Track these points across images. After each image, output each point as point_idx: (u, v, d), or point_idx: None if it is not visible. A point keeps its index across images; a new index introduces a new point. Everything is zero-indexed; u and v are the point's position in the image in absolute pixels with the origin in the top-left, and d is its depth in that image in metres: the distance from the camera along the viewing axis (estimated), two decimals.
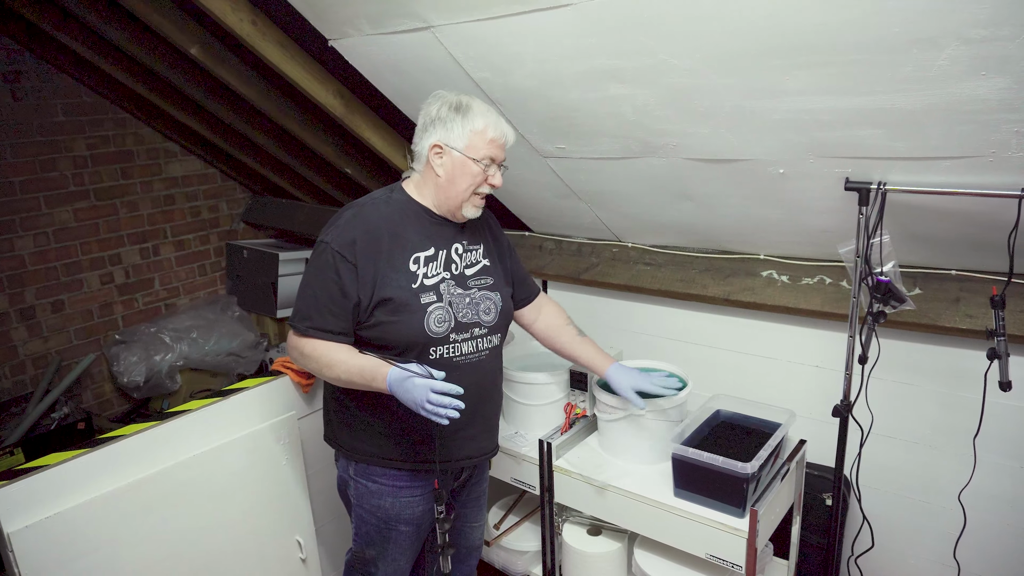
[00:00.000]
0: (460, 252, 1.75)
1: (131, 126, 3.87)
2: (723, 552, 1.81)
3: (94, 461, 1.79)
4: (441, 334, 1.66)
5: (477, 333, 1.73)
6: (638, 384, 1.95)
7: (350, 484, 1.80)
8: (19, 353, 3.60)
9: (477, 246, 1.80)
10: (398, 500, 1.76)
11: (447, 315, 1.67)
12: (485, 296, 1.75)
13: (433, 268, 1.68)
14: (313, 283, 1.63)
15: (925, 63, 1.40)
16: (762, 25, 1.48)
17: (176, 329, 3.95)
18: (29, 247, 3.56)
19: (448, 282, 1.69)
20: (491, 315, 1.76)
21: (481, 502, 2.02)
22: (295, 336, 1.66)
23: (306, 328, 1.62)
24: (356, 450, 1.76)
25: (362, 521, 1.81)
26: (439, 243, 1.71)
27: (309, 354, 1.63)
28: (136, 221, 3.99)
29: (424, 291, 1.65)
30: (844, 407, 1.91)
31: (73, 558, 1.72)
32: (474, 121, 1.64)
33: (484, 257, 1.80)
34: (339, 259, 1.59)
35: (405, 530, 1.80)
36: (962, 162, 1.64)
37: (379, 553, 1.81)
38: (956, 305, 2.01)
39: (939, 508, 2.20)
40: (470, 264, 1.76)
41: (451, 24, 1.87)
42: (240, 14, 2.24)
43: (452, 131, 1.64)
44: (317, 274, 1.62)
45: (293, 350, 1.68)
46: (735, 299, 2.40)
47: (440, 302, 1.66)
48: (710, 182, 2.12)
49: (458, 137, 1.63)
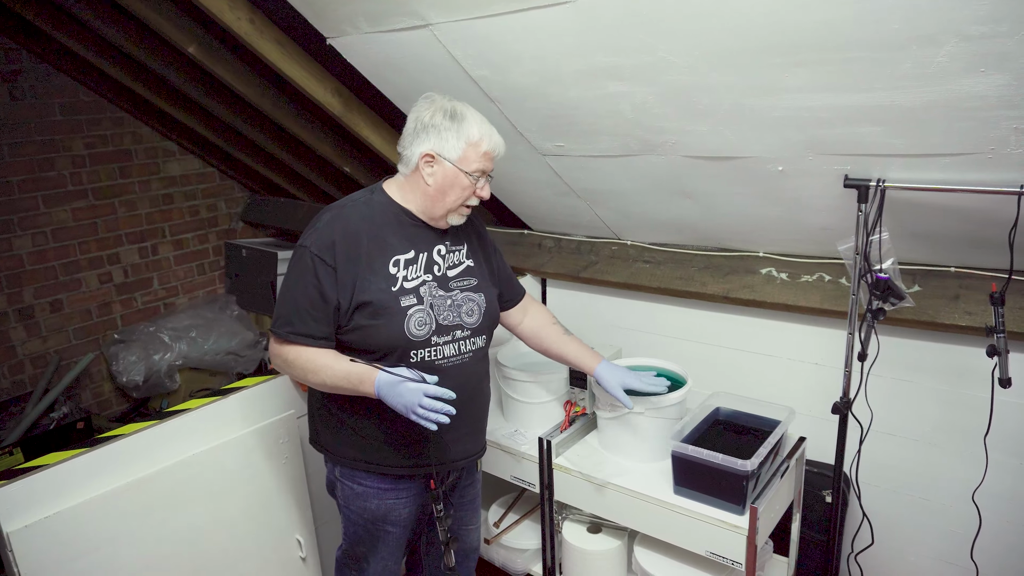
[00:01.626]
0: (443, 253, 1.72)
1: (129, 125, 3.87)
2: (723, 549, 1.82)
3: (93, 461, 1.79)
4: (421, 337, 1.64)
5: (459, 335, 1.70)
6: (627, 382, 1.93)
7: (337, 485, 1.79)
8: (18, 353, 3.60)
9: (460, 246, 1.77)
10: (383, 503, 1.75)
11: (428, 318, 1.65)
12: (468, 298, 1.73)
13: (413, 271, 1.66)
14: (293, 288, 1.60)
15: (924, 60, 1.40)
16: (761, 22, 1.47)
17: (175, 328, 3.95)
18: (27, 247, 3.56)
19: (429, 284, 1.67)
20: (474, 317, 1.73)
21: (475, 503, 2.01)
22: (277, 342, 1.64)
23: (287, 333, 1.60)
24: (340, 454, 1.75)
25: (350, 521, 1.80)
26: (420, 246, 1.68)
27: (293, 361, 1.61)
28: (134, 220, 3.99)
29: (404, 294, 1.63)
30: (844, 404, 1.91)
31: (73, 558, 1.72)
32: (470, 131, 1.60)
33: (468, 257, 1.78)
34: (318, 262, 1.57)
35: (392, 531, 1.80)
36: (961, 159, 1.64)
37: (368, 551, 1.81)
38: (955, 302, 2.01)
39: (939, 505, 2.20)
40: (453, 265, 1.74)
41: (449, 22, 1.87)
42: (238, 12, 2.24)
43: (446, 141, 1.60)
44: (297, 278, 1.60)
45: (276, 357, 1.66)
46: (734, 297, 2.40)
47: (420, 305, 1.64)
48: (709, 180, 2.12)
49: (452, 148, 1.60)
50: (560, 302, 3.04)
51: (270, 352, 1.67)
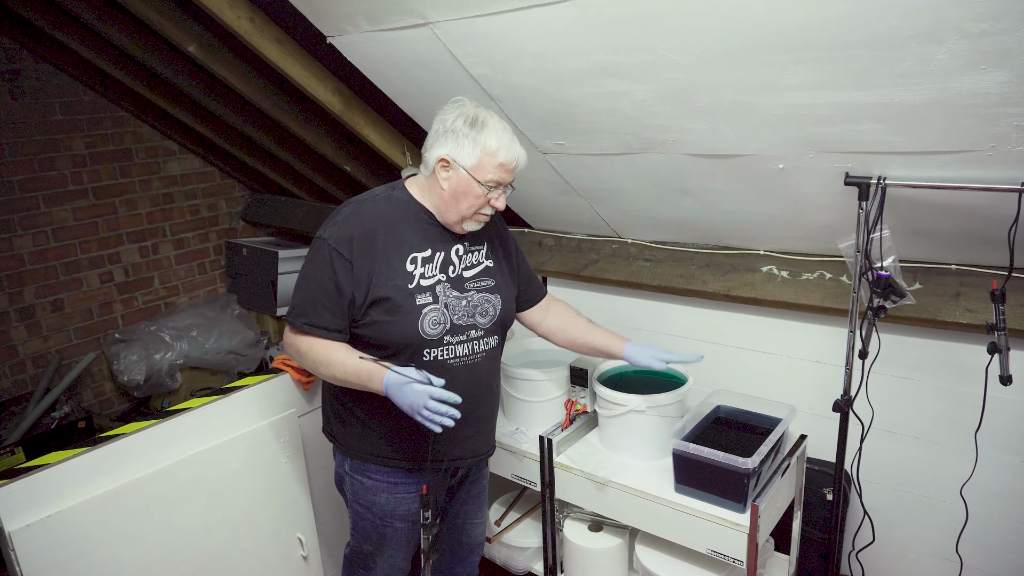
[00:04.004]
0: (461, 254, 1.72)
1: (130, 124, 3.87)
2: (724, 547, 1.82)
3: (94, 460, 1.79)
4: (435, 336, 1.64)
5: (473, 335, 1.71)
6: (658, 354, 1.87)
7: (346, 479, 1.80)
8: (19, 352, 3.60)
9: (480, 246, 1.77)
10: (393, 497, 1.76)
11: (443, 317, 1.65)
12: (484, 299, 1.73)
13: (430, 269, 1.66)
14: (310, 279, 1.62)
15: (924, 57, 1.40)
16: (761, 20, 1.47)
17: (176, 327, 3.95)
18: (28, 246, 3.56)
19: (444, 284, 1.67)
20: (487, 317, 1.73)
21: (482, 499, 2.02)
22: (291, 332, 1.66)
23: (302, 324, 1.61)
24: (351, 447, 1.76)
25: (359, 516, 1.81)
26: (437, 245, 1.68)
27: (306, 352, 1.63)
28: (135, 220, 3.99)
29: (420, 292, 1.63)
30: (844, 402, 1.91)
31: (74, 557, 1.72)
32: (487, 141, 1.58)
33: (487, 258, 1.78)
34: (335, 256, 1.58)
35: (401, 527, 1.80)
36: (962, 156, 1.63)
37: (376, 548, 1.82)
38: (956, 299, 2.01)
39: (940, 503, 2.20)
40: (470, 266, 1.74)
41: (449, 20, 1.87)
42: (238, 11, 2.24)
43: (463, 147, 1.58)
44: (314, 270, 1.61)
45: (290, 347, 1.68)
46: (735, 295, 2.40)
47: (436, 304, 1.65)
48: (710, 178, 2.12)
49: (468, 155, 1.58)
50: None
51: (284, 340, 1.69)
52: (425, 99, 2.39)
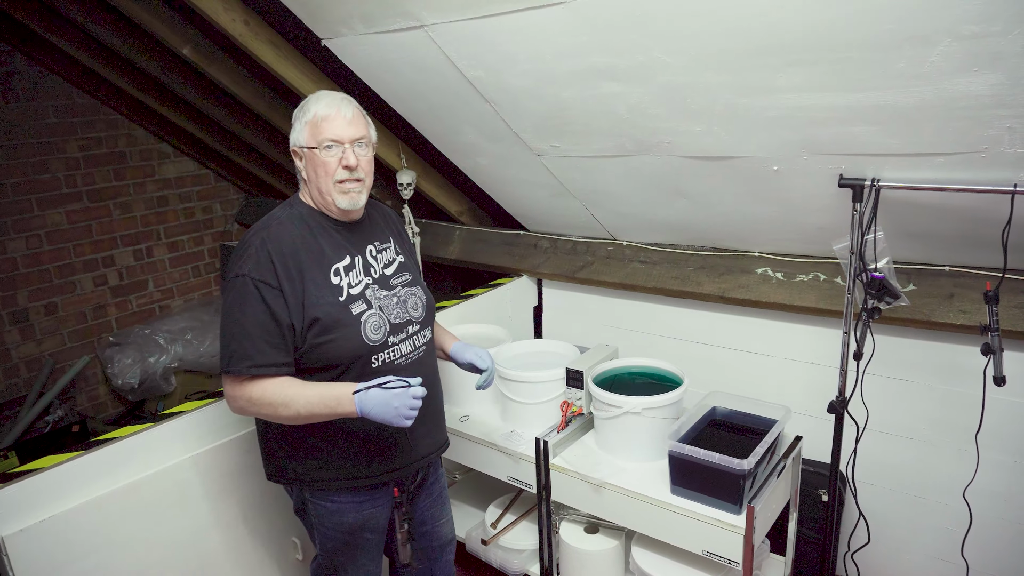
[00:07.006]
0: (375, 254, 1.71)
1: (123, 127, 3.86)
2: (720, 549, 1.82)
3: (89, 464, 1.78)
4: (379, 340, 1.63)
5: (411, 331, 1.71)
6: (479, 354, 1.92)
7: (308, 506, 1.75)
8: (12, 356, 3.58)
9: (388, 243, 1.76)
10: (360, 515, 1.73)
11: (381, 320, 1.64)
12: (409, 292, 1.74)
13: (354, 276, 1.64)
14: (240, 320, 1.51)
15: (918, 60, 1.41)
16: (755, 23, 1.48)
17: (170, 331, 3.94)
18: (21, 249, 3.55)
19: (372, 287, 1.66)
20: (419, 310, 1.74)
21: (443, 497, 1.99)
22: (236, 384, 1.53)
23: (247, 368, 1.50)
24: (311, 478, 1.69)
25: (327, 538, 1.76)
26: (352, 250, 1.67)
27: (258, 398, 1.52)
28: (129, 223, 3.98)
29: (352, 301, 1.61)
30: (839, 403, 1.91)
31: (68, 561, 1.71)
32: (307, 112, 1.60)
33: (397, 254, 1.78)
34: (263, 287, 1.52)
35: (371, 537, 1.78)
36: (955, 158, 1.64)
37: (348, 559, 1.79)
38: (950, 301, 2.01)
39: (935, 503, 2.21)
40: (387, 263, 1.73)
41: (444, 23, 1.87)
42: (232, 14, 2.24)
43: (296, 132, 1.62)
44: (242, 309, 1.52)
45: (236, 400, 1.55)
46: (730, 296, 2.40)
47: (371, 308, 1.63)
48: (704, 180, 2.13)
49: (299, 134, 1.61)
50: (556, 303, 3.05)
51: (227, 397, 1.57)
52: (420, 102, 2.39)
